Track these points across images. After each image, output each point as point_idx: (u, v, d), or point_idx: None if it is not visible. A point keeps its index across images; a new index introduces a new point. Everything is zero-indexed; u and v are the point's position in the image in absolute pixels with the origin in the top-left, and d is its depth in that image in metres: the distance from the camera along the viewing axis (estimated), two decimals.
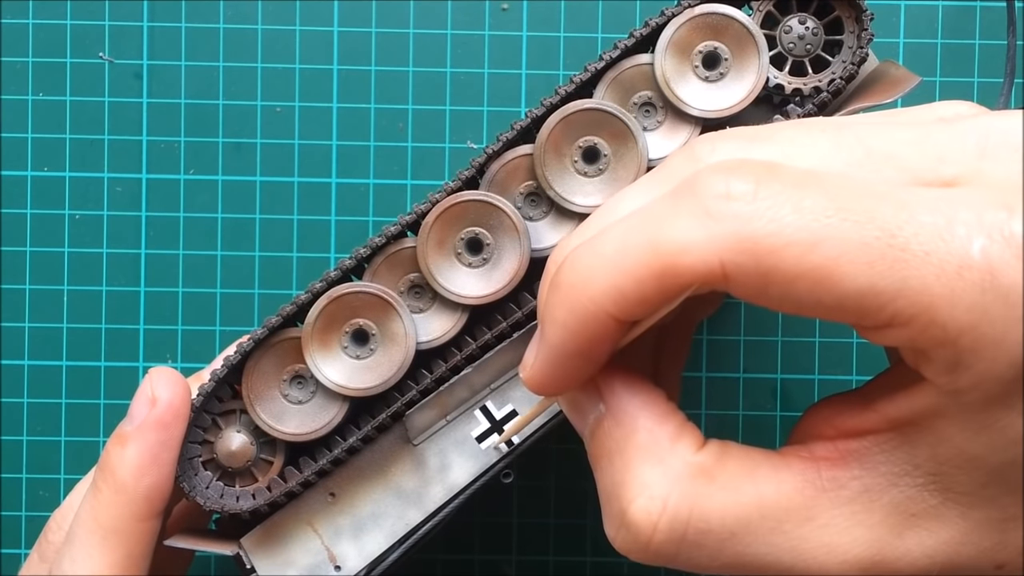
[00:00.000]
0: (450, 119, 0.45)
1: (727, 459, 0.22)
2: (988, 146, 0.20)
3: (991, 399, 0.20)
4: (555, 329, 0.22)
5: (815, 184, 0.20)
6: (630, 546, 0.22)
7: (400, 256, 0.33)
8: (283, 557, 0.33)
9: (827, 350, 0.45)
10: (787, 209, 0.19)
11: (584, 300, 0.21)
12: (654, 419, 0.23)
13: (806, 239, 0.19)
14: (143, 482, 0.31)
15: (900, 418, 0.21)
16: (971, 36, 0.45)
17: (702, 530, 0.21)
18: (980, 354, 0.19)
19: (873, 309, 0.19)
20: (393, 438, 0.33)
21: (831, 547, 0.21)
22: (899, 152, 0.21)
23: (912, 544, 0.21)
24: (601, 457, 0.23)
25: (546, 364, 0.23)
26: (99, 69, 0.45)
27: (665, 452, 0.22)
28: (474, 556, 0.45)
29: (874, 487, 0.21)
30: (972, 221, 0.19)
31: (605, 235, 0.21)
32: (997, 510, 0.21)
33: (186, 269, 0.45)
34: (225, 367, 0.32)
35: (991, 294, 0.18)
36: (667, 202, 0.21)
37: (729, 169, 0.20)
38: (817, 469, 0.22)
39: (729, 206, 0.20)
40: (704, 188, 0.20)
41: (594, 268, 0.21)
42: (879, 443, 0.21)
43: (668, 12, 0.33)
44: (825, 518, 0.21)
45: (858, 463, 0.21)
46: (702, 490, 0.22)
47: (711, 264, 0.20)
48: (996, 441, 0.20)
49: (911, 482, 0.21)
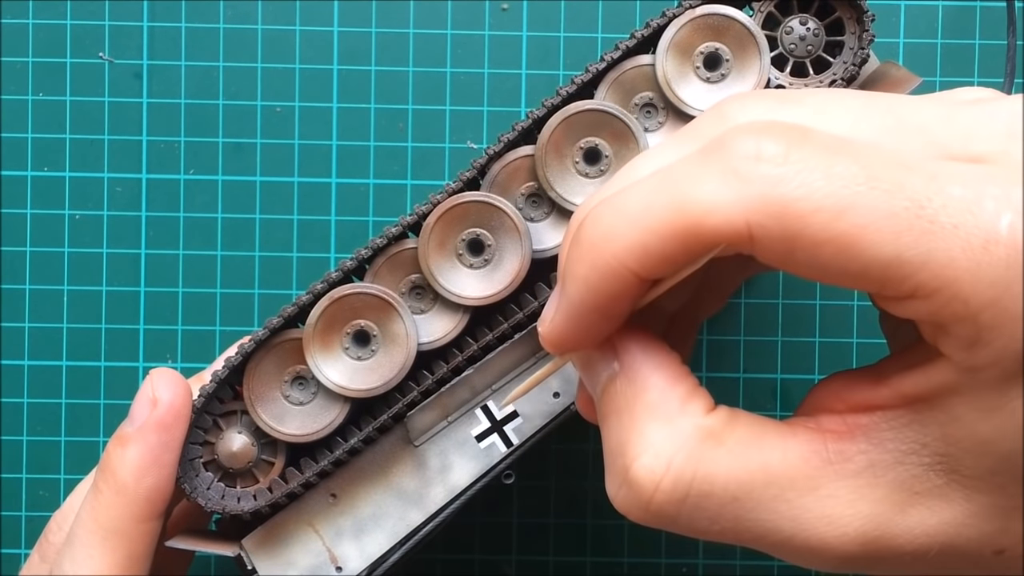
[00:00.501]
0: (450, 119, 0.45)
1: (735, 424, 0.22)
2: (1017, 127, 0.20)
3: (1008, 377, 0.19)
4: (576, 285, 0.22)
5: (846, 151, 0.20)
6: (630, 504, 0.22)
7: (401, 257, 0.33)
8: (284, 558, 0.33)
9: (827, 350, 0.45)
10: (817, 174, 0.19)
11: (607, 256, 0.21)
12: (667, 380, 0.22)
13: (835, 205, 0.19)
14: (144, 483, 0.31)
15: (913, 394, 0.21)
16: (971, 36, 0.45)
17: (704, 492, 0.21)
18: (1000, 330, 0.19)
19: (897, 279, 0.19)
20: (394, 439, 0.33)
21: (832, 519, 0.21)
22: (929, 125, 0.21)
23: (914, 522, 0.21)
24: (610, 414, 0.23)
25: (565, 320, 0.23)
26: (99, 69, 0.45)
27: (675, 413, 0.22)
28: (474, 556, 0.45)
29: (880, 463, 0.21)
30: (1001, 196, 0.19)
31: (630, 192, 0.21)
32: (1003, 497, 0.21)
33: (186, 269, 0.45)
34: (226, 368, 0.32)
35: (1015, 270, 0.18)
36: (695, 160, 0.21)
37: (760, 130, 0.20)
38: (824, 441, 0.21)
39: (759, 167, 0.20)
40: (734, 148, 0.20)
41: (618, 225, 0.21)
42: (888, 419, 0.21)
43: (669, 13, 0.33)
44: (829, 489, 0.21)
45: (865, 438, 0.21)
46: (708, 453, 0.21)
47: (737, 226, 0.20)
48: (1008, 425, 0.20)
49: (918, 460, 0.21)
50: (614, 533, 0.45)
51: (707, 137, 0.22)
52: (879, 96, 0.22)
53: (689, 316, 0.28)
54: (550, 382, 0.33)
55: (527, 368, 0.33)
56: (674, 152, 0.23)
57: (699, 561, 0.45)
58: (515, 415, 0.33)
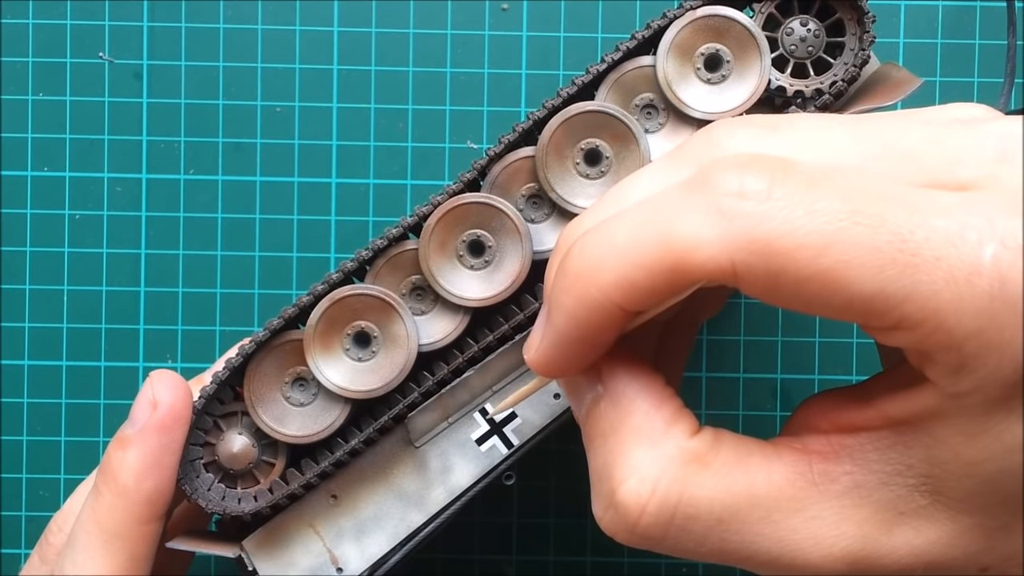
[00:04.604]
0: (450, 119, 0.45)
1: (720, 447, 0.22)
2: (1007, 150, 0.20)
3: (992, 404, 0.20)
4: (561, 316, 0.22)
5: (829, 185, 0.20)
6: (617, 527, 0.22)
7: (402, 258, 0.33)
8: (285, 559, 0.33)
9: (827, 350, 0.45)
10: (800, 210, 0.19)
11: (592, 290, 0.21)
12: (651, 403, 0.23)
13: (817, 242, 0.19)
14: (145, 485, 0.31)
15: (898, 417, 0.21)
16: (971, 36, 0.45)
17: (690, 515, 0.21)
18: (984, 359, 0.19)
19: (881, 312, 0.19)
20: (395, 440, 0.33)
21: (818, 539, 0.21)
22: (917, 150, 0.21)
23: (899, 542, 0.21)
24: (595, 437, 0.23)
25: (551, 348, 0.23)
26: (99, 69, 0.45)
27: (659, 436, 0.22)
28: (474, 556, 0.45)
29: (865, 484, 0.21)
30: (984, 227, 0.19)
31: (616, 223, 0.21)
32: (987, 517, 0.21)
33: (186, 269, 0.45)
34: (227, 369, 0.32)
35: (999, 301, 0.18)
36: (680, 194, 0.21)
37: (744, 165, 0.20)
38: (809, 462, 0.22)
39: (742, 205, 0.20)
40: (718, 184, 0.20)
41: (604, 258, 0.21)
42: (873, 440, 0.21)
43: (670, 14, 0.33)
44: (814, 511, 0.21)
45: (850, 459, 0.21)
46: (693, 476, 0.22)
47: (721, 263, 0.20)
48: (992, 448, 0.20)
49: (902, 482, 0.21)
50: None
51: (695, 163, 0.22)
52: (867, 120, 0.22)
53: (687, 318, 0.28)
54: (550, 383, 0.33)
55: (528, 369, 0.33)
56: (662, 178, 0.23)
57: (699, 561, 0.45)
58: (514, 416, 0.33)
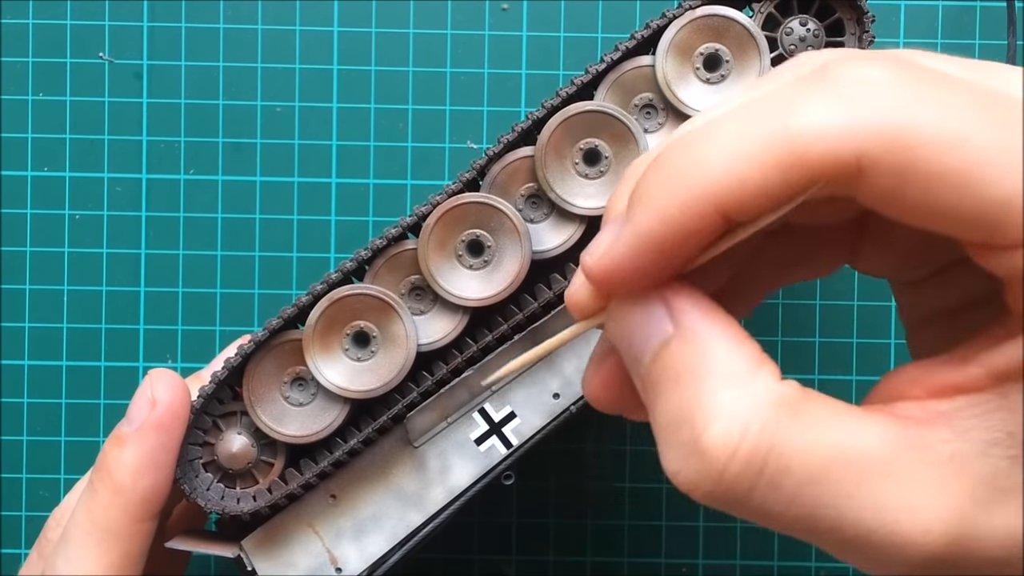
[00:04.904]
0: (450, 119, 0.45)
1: (809, 398, 0.20)
2: None
3: None
4: (648, 214, 0.19)
5: (954, 83, 0.18)
6: (700, 477, 0.19)
7: (401, 258, 0.33)
8: (284, 559, 0.33)
9: (827, 350, 0.45)
10: (929, 103, 0.18)
11: (694, 186, 0.19)
12: (732, 343, 0.20)
13: (949, 137, 0.17)
14: (141, 484, 0.31)
15: (1004, 370, 0.19)
16: (971, 36, 0.45)
17: (782, 469, 0.19)
18: None
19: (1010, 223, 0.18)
20: (394, 440, 0.33)
21: (915, 511, 0.19)
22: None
23: (998, 521, 0.19)
24: (666, 382, 0.20)
25: (625, 251, 0.20)
26: (99, 69, 0.45)
27: (747, 377, 0.20)
28: (473, 556, 0.45)
29: (962, 454, 0.19)
30: None
31: (724, 119, 0.19)
32: None
33: (186, 269, 0.45)
34: (225, 369, 0.32)
35: None
36: (795, 87, 0.19)
37: (868, 56, 0.19)
38: (904, 426, 0.19)
39: (868, 92, 0.18)
40: (839, 74, 0.18)
41: (711, 151, 0.19)
42: (972, 405, 0.19)
43: (669, 14, 0.33)
44: (912, 477, 0.19)
45: (947, 426, 0.19)
46: (785, 423, 0.19)
47: (844, 155, 0.18)
48: None
49: (1003, 452, 0.19)
50: (614, 533, 0.45)
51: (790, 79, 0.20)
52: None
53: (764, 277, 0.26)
54: (549, 383, 0.33)
55: (527, 370, 0.33)
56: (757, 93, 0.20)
57: (699, 561, 0.45)
58: (513, 416, 0.33)
